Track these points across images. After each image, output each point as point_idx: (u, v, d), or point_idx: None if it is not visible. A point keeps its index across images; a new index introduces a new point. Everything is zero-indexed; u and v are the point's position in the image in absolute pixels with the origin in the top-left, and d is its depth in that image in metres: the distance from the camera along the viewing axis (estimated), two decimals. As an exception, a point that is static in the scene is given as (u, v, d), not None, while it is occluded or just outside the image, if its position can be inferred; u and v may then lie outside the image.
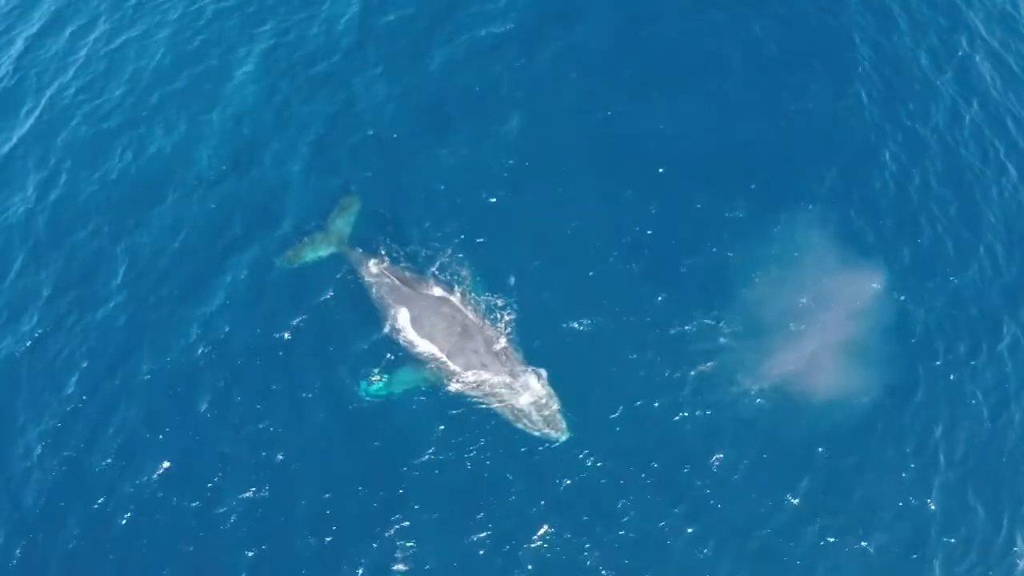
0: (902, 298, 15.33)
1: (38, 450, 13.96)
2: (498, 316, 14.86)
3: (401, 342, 14.69)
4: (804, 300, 15.10)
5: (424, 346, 14.60)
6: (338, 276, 15.44)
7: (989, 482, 13.89)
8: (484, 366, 14.30)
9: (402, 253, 15.59)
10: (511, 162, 16.64)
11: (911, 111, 17.58)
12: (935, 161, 16.92)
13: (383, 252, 15.59)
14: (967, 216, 16.37)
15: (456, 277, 15.23)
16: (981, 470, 13.98)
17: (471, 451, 13.68)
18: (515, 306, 14.93)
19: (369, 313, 15.01)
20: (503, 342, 14.58)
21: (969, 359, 14.92)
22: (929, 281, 15.58)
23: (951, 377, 14.71)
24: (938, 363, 14.87)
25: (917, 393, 14.47)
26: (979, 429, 14.32)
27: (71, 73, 18.50)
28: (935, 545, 13.30)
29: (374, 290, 15.15)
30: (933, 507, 13.57)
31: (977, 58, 18.50)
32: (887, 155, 16.96)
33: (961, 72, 18.27)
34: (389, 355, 14.57)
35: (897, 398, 14.41)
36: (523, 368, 14.30)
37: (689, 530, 13.21)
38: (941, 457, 14.01)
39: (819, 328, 14.87)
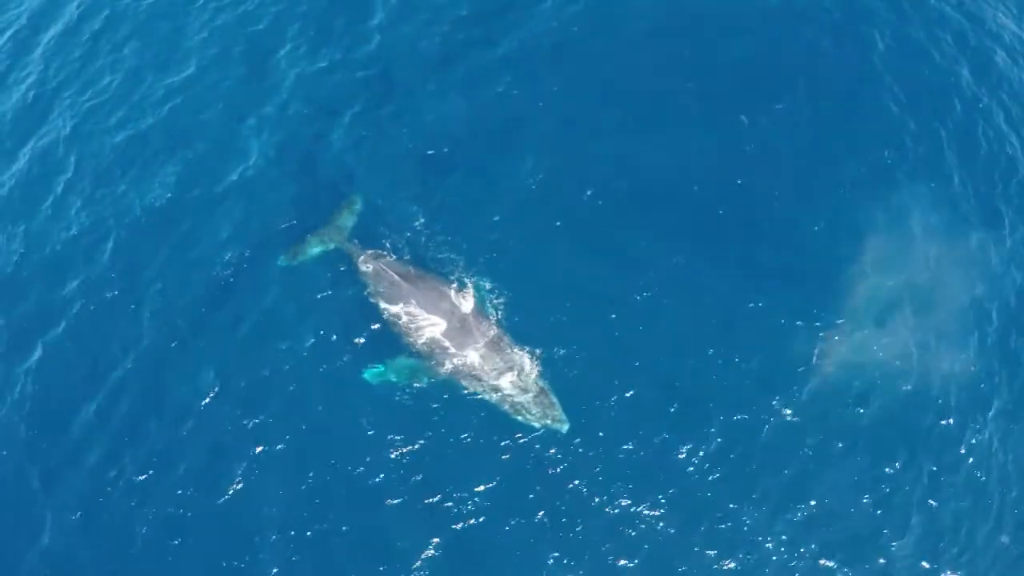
0: (919, 293, 15.18)
1: (61, 442, 14.18)
2: (498, 310, 14.86)
3: (401, 335, 14.72)
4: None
5: (424, 339, 14.60)
6: (340, 271, 15.55)
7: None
8: (483, 359, 14.30)
9: (403, 248, 15.66)
10: (516, 163, 16.63)
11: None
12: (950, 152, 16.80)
13: (387, 246, 15.69)
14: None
15: (456, 272, 15.25)
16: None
17: (473, 444, 13.65)
18: (517, 300, 14.91)
19: (369, 307, 15.05)
20: (503, 336, 14.58)
21: (981, 354, 14.69)
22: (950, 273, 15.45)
23: (972, 369, 14.48)
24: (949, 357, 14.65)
25: (933, 389, 14.22)
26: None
27: (87, 77, 18.76)
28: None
29: (374, 284, 15.20)
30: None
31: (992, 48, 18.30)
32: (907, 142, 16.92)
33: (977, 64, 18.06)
34: (389, 348, 14.59)
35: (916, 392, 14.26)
36: (522, 360, 14.29)
37: (719, 509, 13.24)
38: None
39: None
